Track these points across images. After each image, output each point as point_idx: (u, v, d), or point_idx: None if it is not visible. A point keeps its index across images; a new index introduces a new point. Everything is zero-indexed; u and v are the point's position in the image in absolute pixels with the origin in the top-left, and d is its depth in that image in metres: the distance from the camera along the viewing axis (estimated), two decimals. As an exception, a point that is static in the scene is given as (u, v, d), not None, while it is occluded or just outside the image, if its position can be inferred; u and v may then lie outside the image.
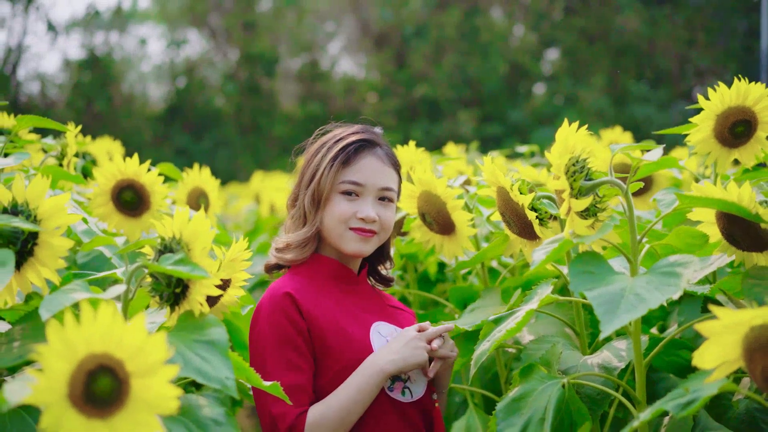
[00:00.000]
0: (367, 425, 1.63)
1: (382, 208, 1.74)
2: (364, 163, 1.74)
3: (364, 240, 1.72)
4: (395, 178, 1.78)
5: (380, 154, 1.76)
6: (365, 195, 1.73)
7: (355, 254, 1.73)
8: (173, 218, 1.34)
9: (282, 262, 1.78)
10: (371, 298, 1.80)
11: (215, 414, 1.25)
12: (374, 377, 1.60)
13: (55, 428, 0.94)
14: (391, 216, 1.76)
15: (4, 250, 1.24)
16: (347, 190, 1.72)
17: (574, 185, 1.40)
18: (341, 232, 1.72)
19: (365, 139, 1.77)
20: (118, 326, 0.97)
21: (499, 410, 1.41)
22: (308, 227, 1.75)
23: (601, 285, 1.30)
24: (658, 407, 1.17)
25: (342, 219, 1.71)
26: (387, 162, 1.77)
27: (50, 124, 1.83)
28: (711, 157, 1.73)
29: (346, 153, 1.73)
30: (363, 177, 1.73)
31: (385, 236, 1.77)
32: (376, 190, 1.74)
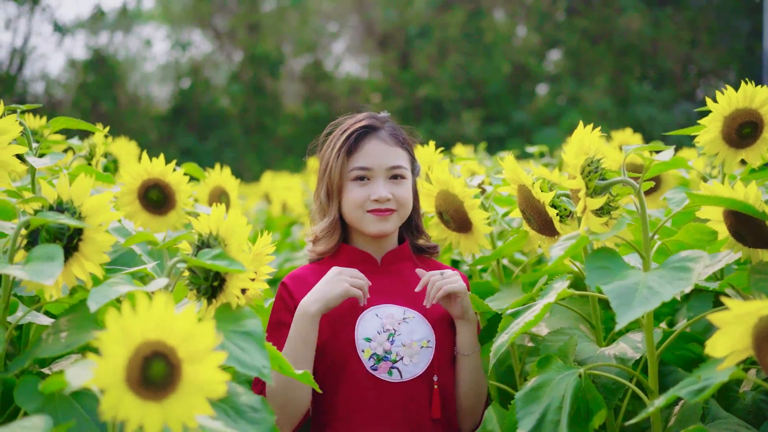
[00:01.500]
0: (341, 402, 1.74)
1: (395, 185, 1.82)
2: (368, 148, 1.82)
3: (383, 219, 1.81)
4: (403, 155, 1.85)
5: (383, 136, 1.85)
6: (375, 177, 1.81)
7: (378, 234, 1.82)
8: (209, 215, 1.41)
9: (316, 254, 1.89)
10: (395, 279, 1.85)
11: (252, 401, 1.32)
12: (302, 321, 1.70)
13: (114, 410, 1.01)
14: (405, 191, 1.83)
15: (52, 246, 1.31)
16: (357, 176, 1.81)
17: (589, 185, 1.46)
18: (360, 216, 1.82)
19: (366, 125, 1.85)
20: (170, 315, 1.04)
21: (518, 399, 1.47)
22: (327, 218, 1.86)
23: (616, 279, 1.36)
24: (672, 394, 1.24)
25: (357, 204, 1.81)
26: (391, 142, 1.84)
27: (82, 125, 1.90)
28: (719, 157, 1.80)
29: (348, 142, 1.83)
30: (369, 161, 1.82)
31: (405, 212, 1.84)
32: (385, 170, 1.82)
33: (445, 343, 1.80)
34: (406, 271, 1.87)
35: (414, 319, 1.79)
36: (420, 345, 1.76)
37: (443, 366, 1.79)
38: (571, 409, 1.41)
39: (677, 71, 16.21)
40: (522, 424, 1.43)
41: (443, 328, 1.81)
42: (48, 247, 1.31)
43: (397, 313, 1.79)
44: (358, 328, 1.77)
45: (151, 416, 1.03)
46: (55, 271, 1.25)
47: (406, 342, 1.76)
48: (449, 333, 1.82)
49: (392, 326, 1.77)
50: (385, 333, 1.76)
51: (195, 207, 2.26)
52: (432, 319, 1.80)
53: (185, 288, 1.44)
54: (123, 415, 1.01)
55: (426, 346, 1.77)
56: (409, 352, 1.75)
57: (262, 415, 1.31)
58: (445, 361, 1.80)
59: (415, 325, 1.78)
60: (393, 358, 1.74)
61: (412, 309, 1.80)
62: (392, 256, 1.88)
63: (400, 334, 1.76)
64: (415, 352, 1.75)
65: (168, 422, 1.04)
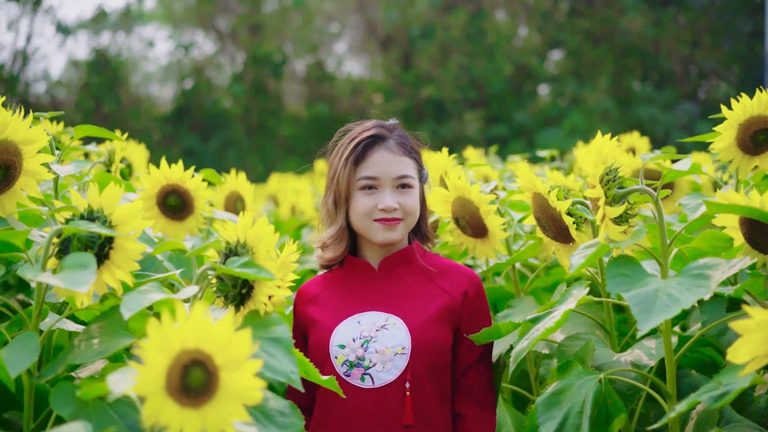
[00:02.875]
0: (318, 407, 1.81)
1: (402, 195, 1.84)
2: (375, 157, 1.85)
3: (389, 228, 1.83)
4: (410, 164, 1.87)
5: (390, 145, 1.86)
6: (382, 187, 1.84)
7: (385, 243, 1.85)
8: (237, 223, 1.44)
9: (324, 261, 1.92)
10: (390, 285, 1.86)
11: (281, 406, 1.34)
12: None
13: (155, 417, 1.04)
14: (412, 201, 1.85)
15: (85, 254, 1.34)
16: (365, 186, 1.84)
17: (608, 193, 1.49)
18: (368, 225, 1.84)
19: (374, 134, 1.87)
20: (208, 323, 1.07)
21: (539, 404, 1.50)
22: (335, 226, 1.89)
23: (636, 287, 1.39)
24: (693, 399, 1.27)
25: (365, 213, 1.83)
26: (399, 151, 1.86)
27: (105, 133, 1.93)
28: (733, 164, 1.83)
29: (356, 151, 1.85)
30: (377, 170, 1.84)
31: (411, 220, 1.86)
32: (392, 179, 1.84)
33: (424, 350, 1.77)
34: (406, 276, 1.88)
35: (395, 325, 1.79)
36: (394, 352, 1.76)
37: (419, 373, 1.77)
38: (592, 413, 1.44)
39: (679, 72, 16.22)
40: (543, 428, 1.46)
41: (423, 335, 1.78)
42: (81, 255, 1.34)
43: (378, 320, 1.80)
44: (335, 335, 1.80)
45: (190, 422, 1.06)
46: (89, 279, 1.28)
47: (380, 349, 1.76)
48: (431, 339, 1.79)
49: (370, 333, 1.79)
50: (361, 340, 1.78)
51: (213, 213, 2.30)
52: (413, 325, 1.79)
53: (212, 295, 1.47)
54: (164, 421, 1.04)
55: (400, 353, 1.76)
56: (382, 359, 1.76)
57: (290, 420, 1.34)
58: (422, 367, 1.77)
59: (395, 331, 1.78)
60: (366, 365, 1.76)
61: (395, 315, 1.81)
62: (390, 261, 1.89)
63: (376, 341, 1.77)
64: (388, 359, 1.76)
65: (206, 428, 1.07)
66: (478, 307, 1.86)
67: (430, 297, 1.85)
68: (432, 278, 1.87)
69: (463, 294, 1.84)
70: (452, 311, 1.82)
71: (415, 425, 1.76)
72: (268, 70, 17.52)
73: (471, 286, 1.86)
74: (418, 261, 1.90)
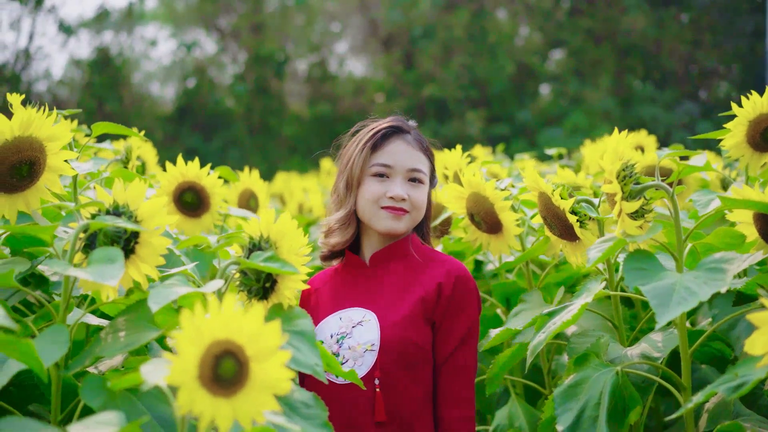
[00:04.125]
0: None
1: (412, 188, 1.85)
2: (392, 147, 1.87)
3: (395, 218, 1.84)
4: (425, 161, 1.89)
5: (409, 139, 1.89)
6: (394, 176, 1.85)
7: (388, 232, 1.85)
8: (260, 218, 1.46)
9: (329, 247, 1.92)
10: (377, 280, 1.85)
11: (304, 397, 1.37)
12: None
13: (189, 406, 1.06)
14: (421, 196, 1.86)
15: (112, 248, 1.36)
16: (377, 173, 1.85)
17: (625, 189, 1.52)
18: (374, 211, 1.84)
19: (394, 125, 1.90)
20: (239, 315, 1.09)
21: (557, 395, 1.53)
22: (343, 209, 1.89)
23: (653, 280, 1.42)
24: (711, 390, 1.29)
25: (373, 199, 1.84)
26: (416, 146, 1.88)
27: (123, 130, 1.95)
28: (743, 161, 1.86)
29: (375, 138, 1.88)
30: (392, 159, 1.86)
31: (417, 215, 1.87)
32: (405, 171, 1.85)
33: (392, 346, 1.75)
34: (393, 271, 1.86)
35: (369, 322, 1.79)
36: (364, 348, 1.76)
37: (390, 369, 1.75)
38: (609, 405, 1.47)
39: (680, 71, 16.24)
40: (561, 420, 1.49)
41: (393, 331, 1.77)
42: (108, 249, 1.36)
43: (356, 316, 1.81)
44: (317, 331, 1.82)
45: (222, 411, 1.08)
46: (118, 273, 1.30)
47: (352, 345, 1.77)
48: (400, 335, 1.77)
49: (346, 329, 1.80)
50: (337, 336, 1.80)
51: (228, 210, 2.32)
52: (384, 322, 1.78)
53: (235, 289, 1.49)
54: (197, 410, 1.06)
55: (369, 350, 1.76)
56: (353, 356, 1.76)
57: (314, 411, 1.36)
58: (393, 364, 1.75)
59: (369, 327, 1.78)
60: (339, 361, 1.77)
61: (371, 311, 1.81)
62: (381, 255, 1.88)
63: (351, 337, 1.78)
64: (359, 356, 1.76)
65: (238, 417, 1.09)
66: (455, 301, 1.80)
67: (407, 292, 1.82)
68: (417, 272, 1.85)
69: (437, 287, 1.80)
70: (426, 305, 1.79)
71: (389, 422, 1.74)
72: (271, 69, 17.55)
73: (447, 278, 1.81)
74: (409, 255, 1.87)
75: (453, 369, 1.79)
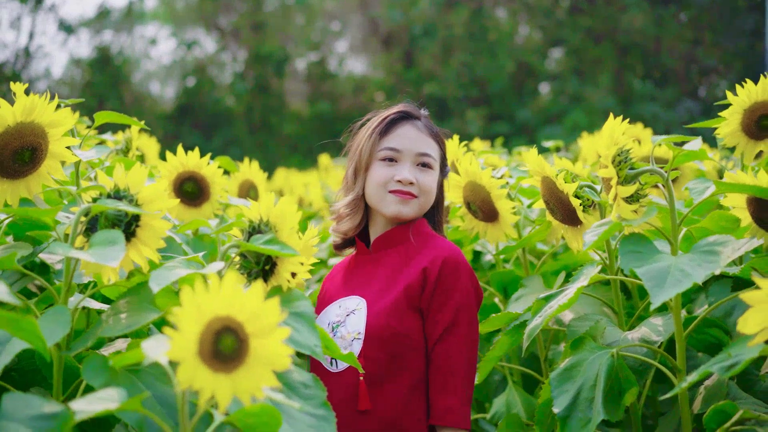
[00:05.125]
0: None
1: (420, 172, 1.84)
2: (401, 131, 1.86)
3: (402, 202, 1.82)
4: (434, 146, 1.87)
5: (418, 125, 1.88)
6: (403, 160, 1.84)
7: (395, 216, 1.82)
8: (260, 202, 1.48)
9: (341, 234, 1.92)
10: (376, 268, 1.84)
11: (304, 378, 1.39)
12: None
13: (189, 381, 1.08)
14: (430, 180, 1.84)
15: (113, 231, 1.38)
16: (386, 157, 1.84)
17: (620, 173, 1.54)
18: (382, 195, 1.83)
19: (404, 111, 1.90)
20: (239, 293, 1.11)
21: (553, 378, 1.54)
22: (352, 194, 1.89)
23: (648, 263, 1.44)
24: (705, 369, 1.31)
25: (381, 183, 1.83)
26: (425, 132, 1.87)
27: (124, 119, 1.97)
28: (738, 148, 1.87)
29: (385, 124, 1.88)
30: (400, 143, 1.85)
31: (426, 200, 1.84)
32: (414, 155, 1.84)
33: (376, 335, 1.74)
34: (393, 257, 1.84)
35: (360, 310, 1.78)
36: (353, 337, 1.76)
37: (375, 358, 1.73)
38: (605, 387, 1.48)
39: (680, 69, 16.26)
40: (557, 402, 1.50)
41: (377, 319, 1.75)
42: (109, 232, 1.38)
43: (351, 304, 1.81)
44: (318, 319, 1.83)
45: (222, 387, 1.10)
46: (119, 254, 1.32)
47: (344, 334, 1.77)
48: (383, 324, 1.75)
49: (341, 317, 1.80)
50: (333, 324, 1.80)
51: (228, 199, 2.34)
52: (372, 310, 1.77)
53: (236, 272, 1.51)
54: (197, 385, 1.08)
55: (357, 338, 1.75)
56: (344, 344, 1.76)
57: (313, 392, 1.38)
58: (378, 353, 1.73)
59: (359, 316, 1.77)
60: None
61: (364, 299, 1.80)
62: (380, 242, 1.87)
63: (344, 326, 1.78)
64: (348, 344, 1.75)
65: (237, 393, 1.11)
66: (441, 286, 1.75)
67: (396, 279, 1.80)
68: (409, 258, 1.82)
69: (422, 273, 1.76)
70: (411, 292, 1.76)
71: (374, 411, 1.73)
72: (271, 68, 17.56)
73: (432, 264, 1.76)
74: (408, 241, 1.84)
75: (440, 356, 1.73)
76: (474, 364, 1.76)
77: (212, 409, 1.19)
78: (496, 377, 2.38)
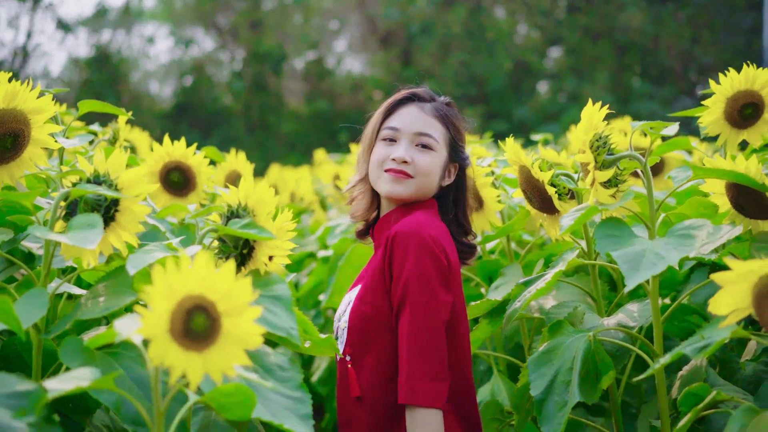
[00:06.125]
0: None
1: (418, 152, 1.78)
2: (404, 111, 1.83)
3: (395, 180, 1.77)
4: (439, 128, 1.81)
5: (425, 106, 1.83)
6: (401, 139, 1.80)
7: (388, 195, 1.79)
8: (239, 187, 1.49)
9: (354, 217, 1.91)
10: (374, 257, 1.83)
11: (280, 361, 1.40)
12: None
13: (160, 358, 1.09)
14: (427, 161, 1.77)
15: (92, 215, 1.39)
16: (386, 137, 1.82)
17: (598, 158, 1.54)
18: (378, 174, 1.80)
19: (412, 93, 1.87)
20: (211, 272, 1.12)
21: (530, 362, 1.55)
22: (357, 175, 1.90)
23: (624, 246, 1.45)
24: (677, 351, 1.32)
25: (379, 162, 1.80)
26: (430, 113, 1.82)
27: (108, 108, 1.98)
28: (721, 137, 1.88)
29: (390, 105, 1.86)
30: (400, 122, 1.81)
31: (423, 182, 1.77)
32: (411, 134, 1.79)
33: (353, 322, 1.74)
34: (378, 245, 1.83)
35: (353, 300, 1.79)
36: (343, 327, 1.78)
37: (355, 343, 1.73)
38: (582, 369, 1.49)
39: (678, 68, 16.27)
40: (534, 385, 1.51)
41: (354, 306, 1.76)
42: (88, 216, 1.39)
43: (351, 296, 1.82)
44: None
45: (193, 365, 1.11)
46: (96, 237, 1.33)
47: (341, 324, 1.79)
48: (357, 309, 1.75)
49: (344, 308, 1.81)
50: (340, 315, 1.82)
51: (214, 189, 2.35)
52: (356, 297, 1.77)
53: (214, 257, 1.52)
54: (168, 362, 1.09)
55: (344, 327, 1.77)
56: (339, 334, 1.79)
57: (290, 374, 1.39)
58: (357, 339, 1.73)
59: (351, 305, 1.79)
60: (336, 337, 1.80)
61: (359, 288, 1.80)
62: (378, 227, 1.85)
63: (344, 317, 1.79)
64: (341, 334, 1.78)
65: (209, 371, 1.12)
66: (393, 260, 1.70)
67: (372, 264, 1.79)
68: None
69: (382, 252, 1.73)
70: (378, 273, 1.73)
71: (364, 397, 1.72)
72: (269, 66, 17.56)
73: (387, 241, 1.72)
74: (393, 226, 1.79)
75: (401, 332, 1.67)
76: (438, 336, 1.65)
77: (187, 390, 1.20)
78: (481, 367, 2.39)
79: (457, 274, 1.74)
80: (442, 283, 1.67)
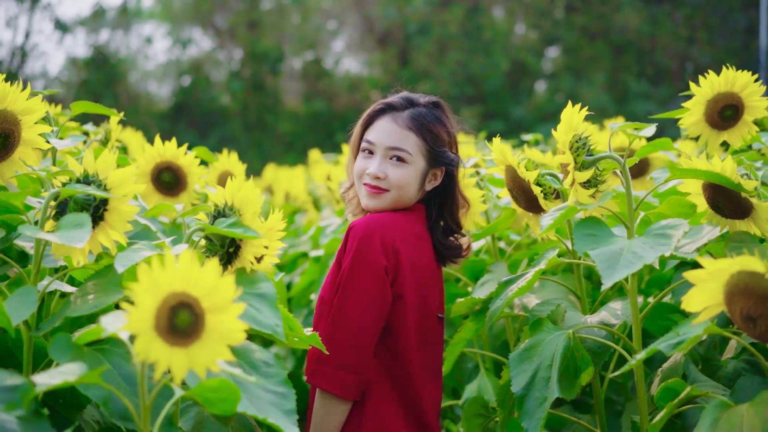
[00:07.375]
0: None
1: (392, 166, 1.84)
2: (379, 124, 1.89)
3: (372, 196, 1.85)
4: (412, 140, 1.84)
5: (398, 117, 1.87)
6: (377, 152, 1.87)
7: (366, 209, 1.89)
8: (225, 187, 1.52)
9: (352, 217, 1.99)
10: None
11: (266, 357, 1.43)
12: None
13: (145, 353, 1.12)
14: (401, 174, 1.83)
15: (81, 214, 1.42)
16: (364, 148, 1.90)
17: (577, 159, 1.58)
18: (359, 185, 1.90)
19: (389, 103, 1.91)
20: (195, 269, 1.15)
21: (512, 359, 1.58)
22: (348, 181, 2.00)
23: (602, 245, 1.48)
24: (652, 348, 1.35)
25: (358, 174, 1.89)
26: (404, 125, 1.85)
27: (101, 109, 2.01)
28: (702, 138, 1.91)
29: (368, 116, 1.93)
30: (375, 137, 1.87)
31: (398, 194, 1.83)
32: (384, 149, 1.85)
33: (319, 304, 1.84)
34: None
35: None
36: None
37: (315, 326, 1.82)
38: (561, 366, 1.53)
39: (675, 68, 16.31)
40: (515, 381, 1.54)
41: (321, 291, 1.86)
42: (77, 215, 1.42)
43: None
44: None
45: (177, 360, 1.14)
46: (85, 236, 1.35)
47: None
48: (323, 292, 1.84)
49: None
50: None
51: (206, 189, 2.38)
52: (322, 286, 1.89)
53: (202, 256, 1.55)
54: (153, 358, 1.12)
55: None
56: None
57: (275, 370, 1.42)
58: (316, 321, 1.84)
59: None
60: None
61: None
62: None
63: None
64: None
65: (193, 366, 1.15)
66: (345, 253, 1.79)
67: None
68: None
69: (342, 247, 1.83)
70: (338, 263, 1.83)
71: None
72: (266, 66, 17.60)
73: (346, 234, 1.82)
74: None
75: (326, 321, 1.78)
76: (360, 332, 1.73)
77: (173, 385, 1.23)
78: (469, 365, 2.43)
79: (408, 273, 1.78)
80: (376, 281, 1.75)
